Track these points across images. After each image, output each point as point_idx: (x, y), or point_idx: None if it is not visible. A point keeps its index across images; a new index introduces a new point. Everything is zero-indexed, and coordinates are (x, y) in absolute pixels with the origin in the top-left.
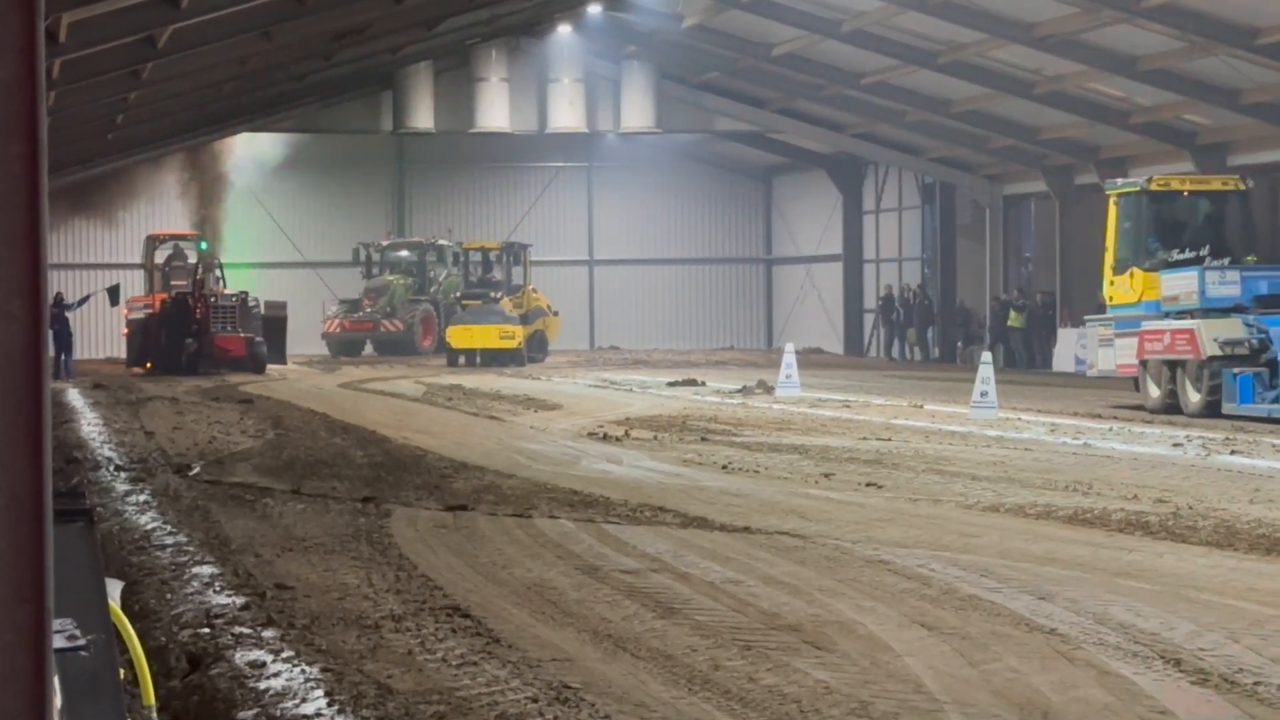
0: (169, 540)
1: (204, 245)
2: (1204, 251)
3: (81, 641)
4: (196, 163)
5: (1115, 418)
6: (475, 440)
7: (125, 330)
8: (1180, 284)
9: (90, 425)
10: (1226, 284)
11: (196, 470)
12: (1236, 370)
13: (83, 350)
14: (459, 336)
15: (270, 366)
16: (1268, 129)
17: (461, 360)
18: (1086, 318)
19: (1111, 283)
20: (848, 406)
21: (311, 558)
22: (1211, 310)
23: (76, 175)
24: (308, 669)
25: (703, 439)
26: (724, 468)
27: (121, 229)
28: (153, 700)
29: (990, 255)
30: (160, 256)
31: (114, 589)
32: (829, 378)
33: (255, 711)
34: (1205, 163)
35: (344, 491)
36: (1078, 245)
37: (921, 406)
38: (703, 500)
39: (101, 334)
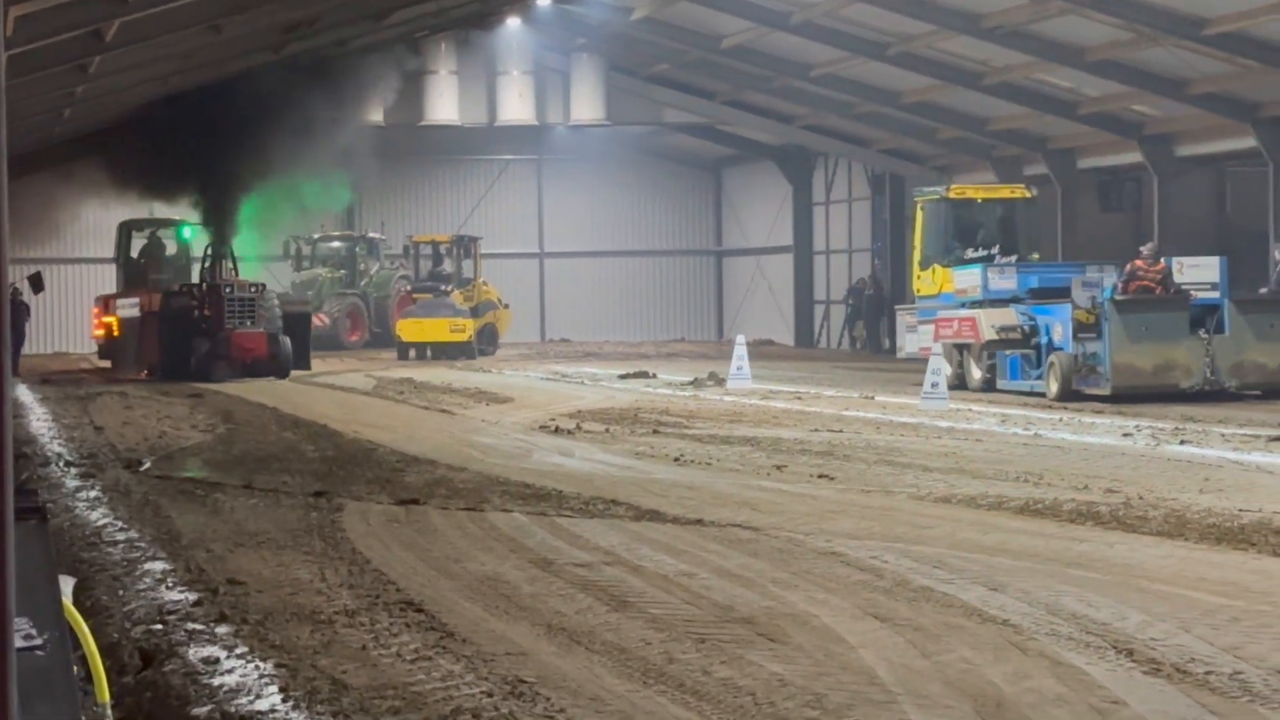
0: (120, 536)
1: (186, 232)
2: (995, 250)
3: (38, 641)
4: None
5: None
6: (426, 434)
7: (98, 332)
8: (968, 279)
9: (39, 420)
10: (1005, 279)
11: (147, 465)
12: (1008, 352)
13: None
14: (409, 330)
15: (293, 372)
16: (1215, 120)
17: (412, 353)
18: (897, 307)
19: (919, 277)
20: (799, 398)
21: (264, 553)
22: (992, 301)
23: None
24: (262, 665)
25: (654, 431)
26: (676, 460)
27: (86, 220)
28: (107, 697)
29: None
30: (135, 248)
31: (65, 586)
32: (780, 369)
33: (210, 708)
34: (1153, 153)
35: (295, 486)
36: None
37: (872, 398)
38: (655, 493)
39: (50, 328)
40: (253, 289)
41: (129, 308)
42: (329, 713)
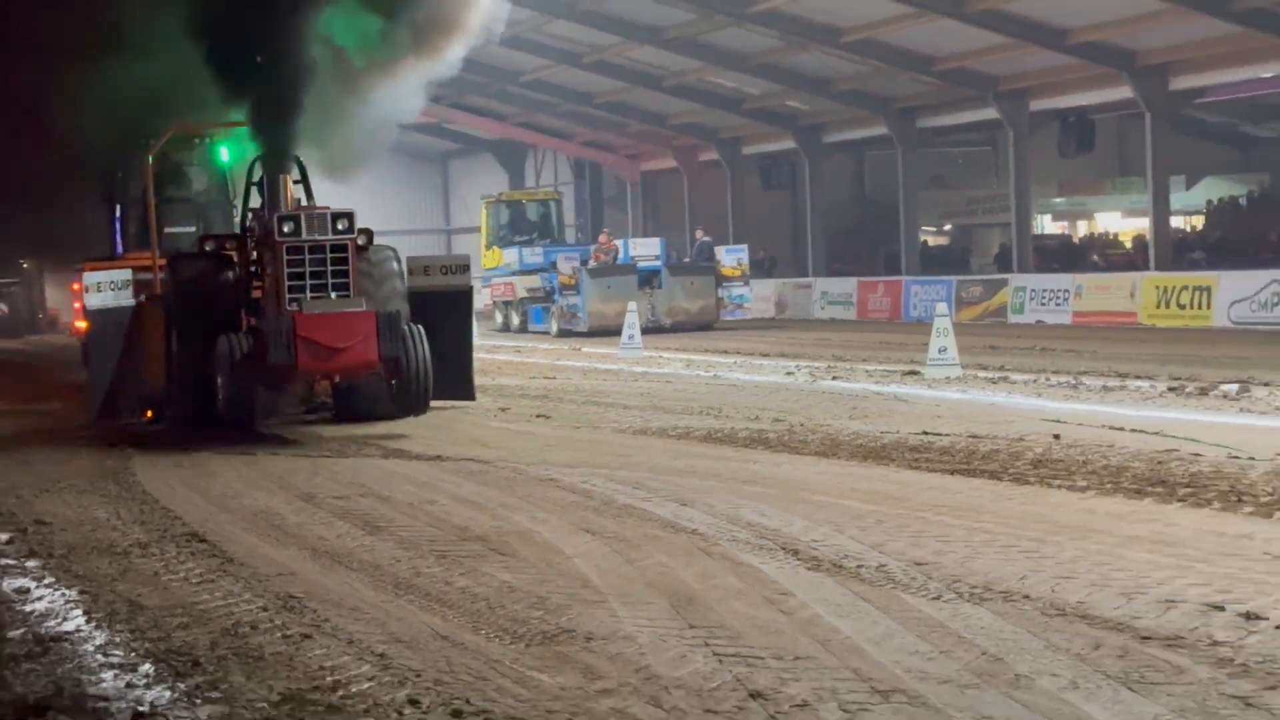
0: None
1: (223, 152)
2: (535, 236)
3: None
4: None
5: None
6: None
7: (79, 324)
8: (512, 256)
9: None
10: (534, 256)
11: None
12: (534, 305)
13: None
14: None
15: (442, 404)
16: (854, 112)
17: None
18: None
19: (485, 254)
20: (518, 352)
21: (66, 497)
22: (527, 271)
23: None
24: (67, 592)
25: None
26: None
27: None
28: None
29: (632, 222)
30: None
31: None
32: (499, 332)
33: (22, 630)
34: (804, 141)
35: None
36: (701, 213)
37: (580, 350)
38: (400, 435)
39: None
40: (341, 225)
41: (115, 289)
42: (126, 630)
